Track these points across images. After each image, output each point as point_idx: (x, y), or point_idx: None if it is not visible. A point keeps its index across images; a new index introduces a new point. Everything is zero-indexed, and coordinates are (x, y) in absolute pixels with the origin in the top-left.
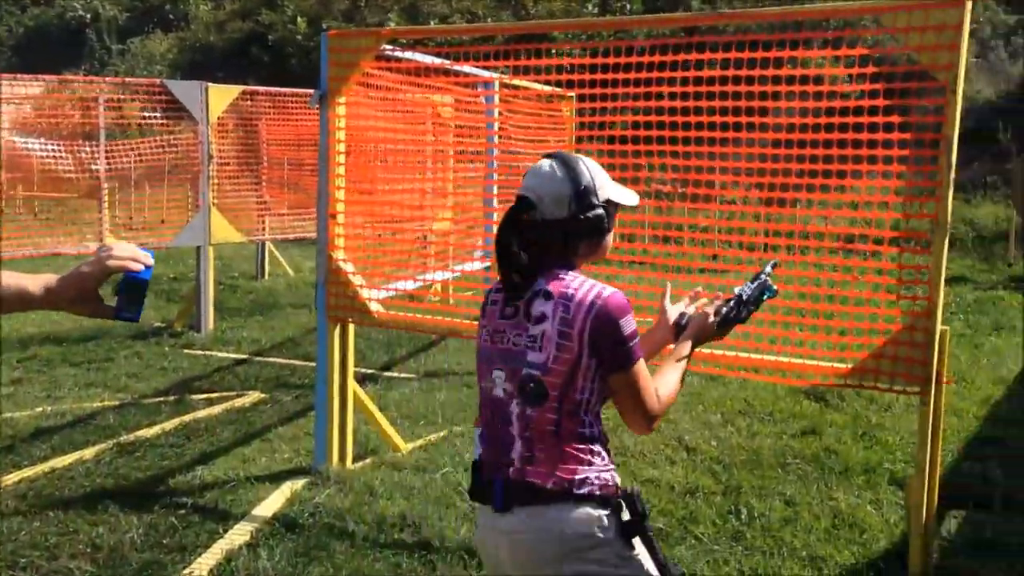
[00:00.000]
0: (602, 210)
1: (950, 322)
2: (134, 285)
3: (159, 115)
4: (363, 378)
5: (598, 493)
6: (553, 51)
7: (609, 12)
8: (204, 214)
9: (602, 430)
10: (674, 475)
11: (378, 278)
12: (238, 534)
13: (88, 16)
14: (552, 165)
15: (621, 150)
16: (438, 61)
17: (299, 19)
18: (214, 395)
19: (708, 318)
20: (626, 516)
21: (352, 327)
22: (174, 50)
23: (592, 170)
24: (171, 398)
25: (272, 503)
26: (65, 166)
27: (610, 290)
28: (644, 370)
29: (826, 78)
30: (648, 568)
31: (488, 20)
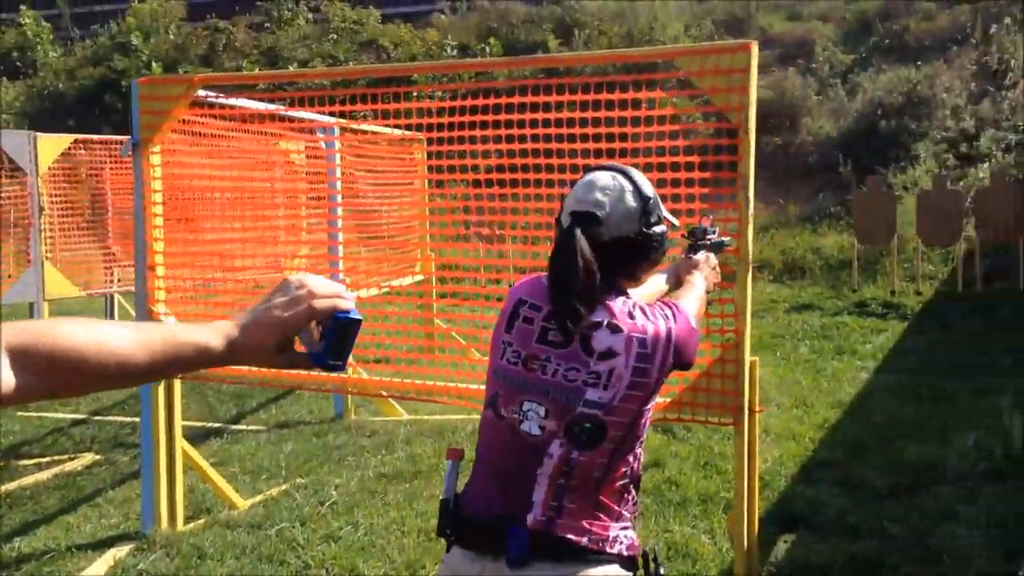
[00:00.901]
0: (664, 226)
1: (797, 348)
2: (345, 326)
3: None
4: (208, 433)
5: (626, 554)
6: (402, 95)
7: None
8: (36, 268)
9: (641, 463)
10: None
11: None
12: None
13: None
14: (615, 177)
15: (476, 193)
16: (262, 107)
17: (154, 64)
18: (44, 460)
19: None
20: None
21: (178, 382)
22: (22, 98)
23: (648, 183)
24: None
25: (93, 572)
26: None
27: (676, 316)
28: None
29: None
30: None
31: (350, 64)
